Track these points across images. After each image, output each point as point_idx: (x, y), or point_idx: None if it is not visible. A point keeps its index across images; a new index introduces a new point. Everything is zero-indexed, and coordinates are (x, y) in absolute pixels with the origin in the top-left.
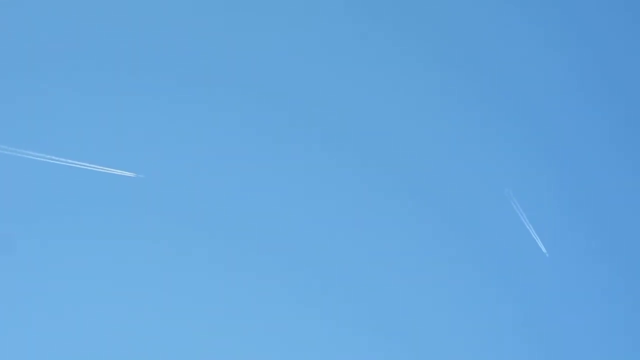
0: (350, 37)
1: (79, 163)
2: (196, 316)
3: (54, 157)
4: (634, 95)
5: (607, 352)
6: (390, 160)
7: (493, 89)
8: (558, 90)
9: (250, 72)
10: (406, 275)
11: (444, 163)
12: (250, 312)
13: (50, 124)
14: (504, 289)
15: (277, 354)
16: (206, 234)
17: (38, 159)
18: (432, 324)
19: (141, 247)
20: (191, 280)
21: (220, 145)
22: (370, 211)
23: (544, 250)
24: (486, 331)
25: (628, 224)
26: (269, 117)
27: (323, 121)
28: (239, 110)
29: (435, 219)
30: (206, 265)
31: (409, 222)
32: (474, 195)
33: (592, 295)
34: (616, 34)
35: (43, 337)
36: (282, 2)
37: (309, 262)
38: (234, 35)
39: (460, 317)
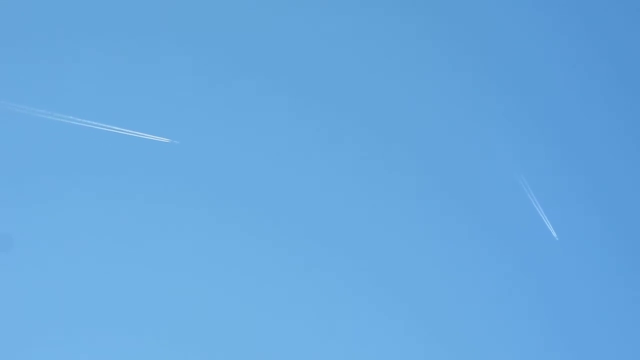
0: (368, 32)
1: (113, 127)
2: (225, 281)
3: (88, 121)
4: None
5: (616, 337)
6: (406, 149)
7: (510, 81)
8: (573, 80)
9: (288, 51)
10: (418, 259)
11: (458, 149)
12: (276, 280)
13: (86, 88)
14: (514, 271)
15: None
16: (238, 202)
17: (73, 122)
18: (441, 308)
19: (174, 212)
20: (223, 247)
21: (256, 116)
22: (387, 198)
23: (554, 234)
24: (496, 314)
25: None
26: (303, 94)
27: (344, 104)
28: (276, 84)
29: (447, 203)
30: (238, 233)
31: (423, 207)
32: (489, 182)
33: (602, 280)
34: (634, 25)
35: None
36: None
37: (335, 238)
38: (269, 17)
39: (469, 300)
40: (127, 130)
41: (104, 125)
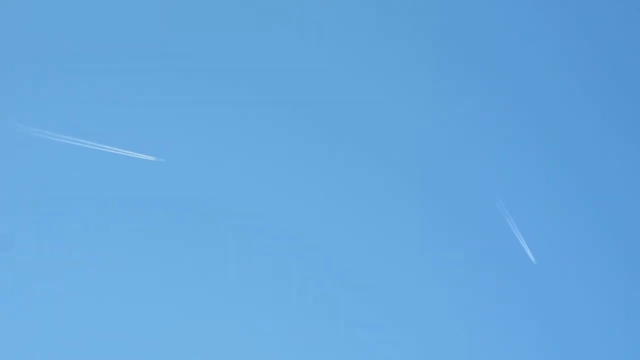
0: (356, 36)
1: (98, 145)
2: (211, 303)
3: (71, 138)
4: None
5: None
6: (387, 159)
7: (507, 87)
8: (562, 90)
9: (273, 67)
10: (398, 276)
11: (444, 164)
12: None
13: (71, 105)
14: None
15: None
16: (224, 222)
17: (56, 139)
18: (424, 327)
19: (159, 232)
20: (208, 269)
21: (243, 134)
22: (368, 211)
23: (532, 258)
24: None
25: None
26: (289, 109)
27: (333, 118)
28: (261, 101)
29: (429, 220)
30: (222, 253)
31: (404, 221)
32: (471, 198)
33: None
34: (623, 31)
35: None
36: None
37: (315, 257)
38: (249, 31)
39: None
40: (111, 148)
41: (88, 142)
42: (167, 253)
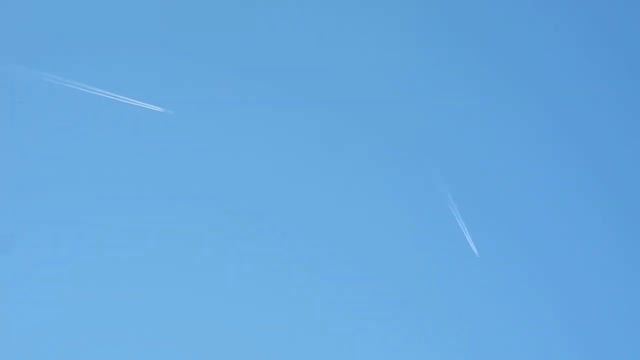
0: (361, 29)
1: (105, 92)
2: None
3: (77, 84)
4: None
5: None
6: (395, 151)
7: (514, 82)
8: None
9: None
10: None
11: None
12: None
13: (80, 50)
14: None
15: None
16: (229, 178)
17: (63, 84)
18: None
19: (163, 185)
20: (213, 225)
21: (252, 90)
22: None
23: (475, 251)
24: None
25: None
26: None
27: (342, 105)
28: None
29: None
30: (228, 211)
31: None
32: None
33: None
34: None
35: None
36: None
37: (333, 237)
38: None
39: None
40: (118, 96)
41: (93, 88)
42: (172, 208)
